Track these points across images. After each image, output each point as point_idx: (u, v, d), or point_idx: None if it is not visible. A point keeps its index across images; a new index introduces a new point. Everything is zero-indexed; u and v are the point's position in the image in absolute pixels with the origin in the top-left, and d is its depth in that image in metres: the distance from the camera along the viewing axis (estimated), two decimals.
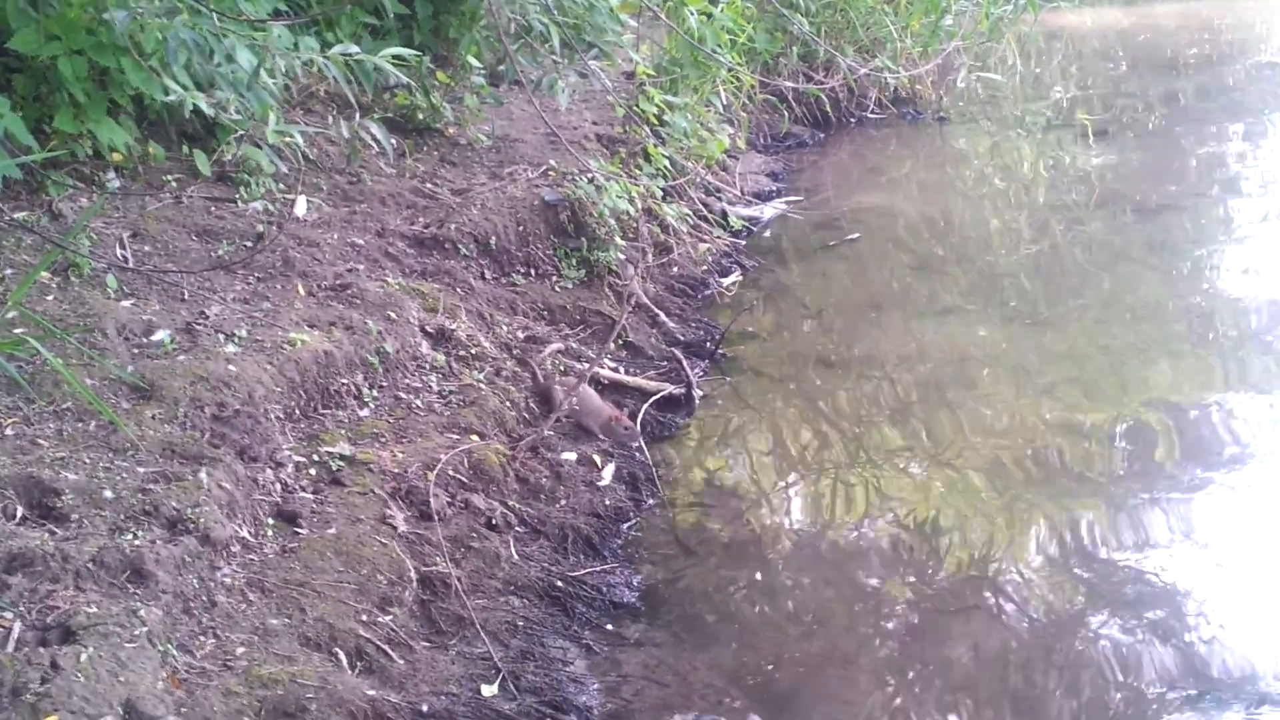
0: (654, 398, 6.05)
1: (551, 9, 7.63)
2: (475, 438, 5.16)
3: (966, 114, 12.06)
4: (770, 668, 4.31)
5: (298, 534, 4.24)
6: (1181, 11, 17.25)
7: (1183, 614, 4.52)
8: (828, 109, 11.38)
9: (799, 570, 4.96)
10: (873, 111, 11.75)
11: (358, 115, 6.80)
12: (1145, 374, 6.40)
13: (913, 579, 4.84)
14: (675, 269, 7.57)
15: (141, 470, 4.02)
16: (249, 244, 5.67)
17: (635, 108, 8.23)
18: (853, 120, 11.65)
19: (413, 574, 4.29)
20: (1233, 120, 11.63)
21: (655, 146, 7.94)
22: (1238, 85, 13.15)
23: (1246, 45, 14.94)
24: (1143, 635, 4.42)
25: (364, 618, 4.00)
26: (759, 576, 4.91)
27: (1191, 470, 5.46)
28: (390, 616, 4.08)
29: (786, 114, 10.93)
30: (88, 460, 4.00)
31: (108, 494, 3.86)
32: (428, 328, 5.67)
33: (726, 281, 7.76)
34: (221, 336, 4.85)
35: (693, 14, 8.30)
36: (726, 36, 8.70)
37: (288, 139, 6.25)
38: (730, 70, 9.02)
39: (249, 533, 4.12)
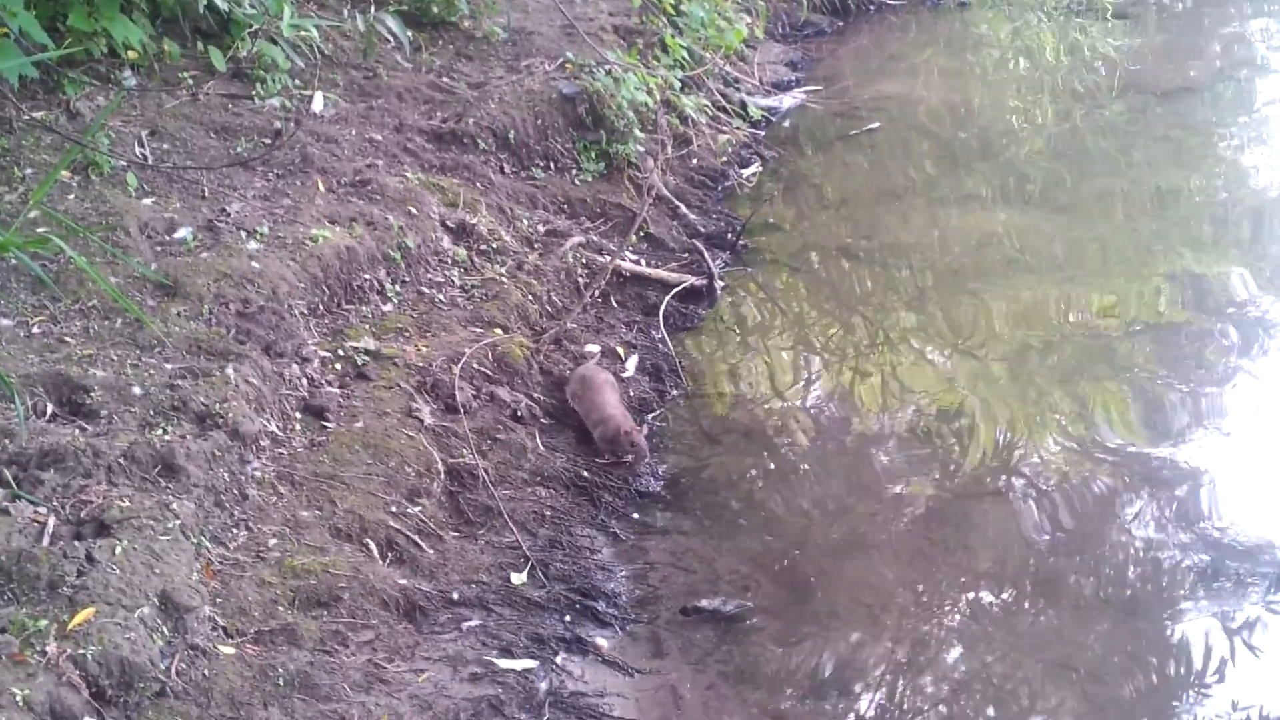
0: (676, 289, 6.05)
1: None
2: (499, 331, 5.18)
3: None
4: (794, 553, 4.36)
5: (325, 428, 4.27)
6: None
7: (1203, 498, 4.56)
8: None
9: (821, 458, 5.00)
10: None
11: (373, 9, 6.74)
12: (1168, 259, 6.37)
13: (934, 466, 4.87)
14: (695, 160, 7.52)
15: (169, 367, 4.05)
16: (267, 140, 5.64)
17: None
18: (872, 6, 11.50)
19: (440, 466, 4.33)
20: (1256, 3, 11.42)
21: (673, 37, 7.85)
22: None
23: None
24: (1164, 518, 4.46)
25: (393, 509, 4.04)
26: (781, 465, 4.94)
27: (1213, 355, 5.47)
28: (419, 508, 4.13)
29: (805, 1, 10.78)
30: (115, 357, 4.02)
31: (136, 390, 3.89)
32: (448, 222, 5.65)
33: (746, 172, 7.71)
34: (243, 234, 4.85)
35: None
36: None
37: (303, 34, 6.20)
38: None
39: (277, 427, 4.15)
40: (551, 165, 6.66)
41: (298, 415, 4.28)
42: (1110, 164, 7.67)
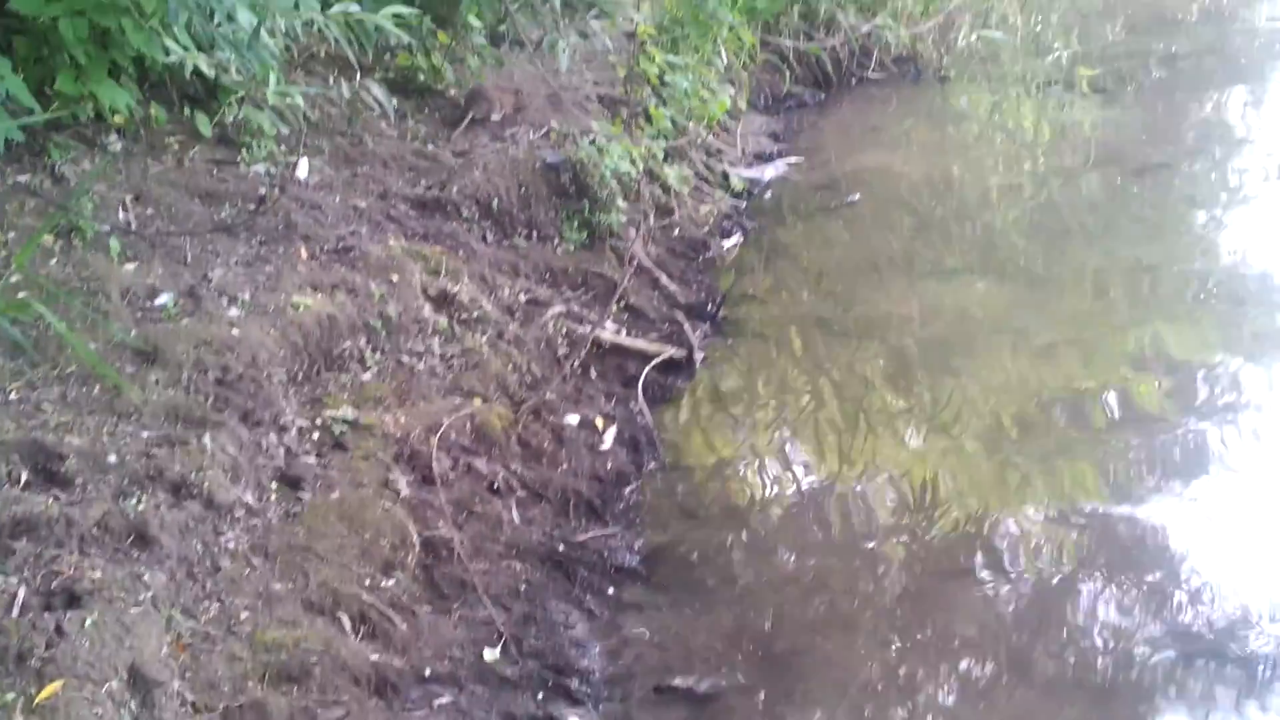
0: (655, 361, 6.07)
1: None
2: (478, 401, 5.18)
3: (968, 73, 11.98)
4: (770, 630, 4.36)
5: (301, 498, 4.26)
6: None
7: (1179, 575, 4.57)
8: (829, 68, 11.32)
9: (798, 533, 5.00)
10: (874, 71, 11.67)
11: (359, 76, 6.79)
12: (1143, 335, 6.40)
13: (911, 541, 4.88)
14: (677, 231, 7.56)
15: (145, 434, 4.04)
16: (251, 206, 5.66)
17: (636, 68, 8.20)
18: (854, 80, 11.59)
19: (415, 538, 4.32)
20: (1232, 80, 11.57)
21: (657, 107, 7.91)
22: (1238, 45, 13.08)
23: (1247, 2, 14.85)
24: (1140, 596, 4.47)
25: (367, 582, 4.03)
26: (759, 539, 4.95)
27: (1190, 435, 5.49)
28: (393, 581, 4.12)
29: (788, 74, 10.88)
30: (92, 424, 4.02)
31: (112, 458, 3.88)
32: (430, 291, 5.67)
33: (728, 243, 7.76)
34: (225, 300, 4.86)
35: None
36: None
37: (289, 100, 6.23)
38: (731, 29, 8.98)
39: (253, 497, 4.14)
40: (534, 234, 6.69)
41: (273, 485, 4.28)
42: (1088, 238, 7.74)
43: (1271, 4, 14.84)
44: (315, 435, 4.60)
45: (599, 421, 5.53)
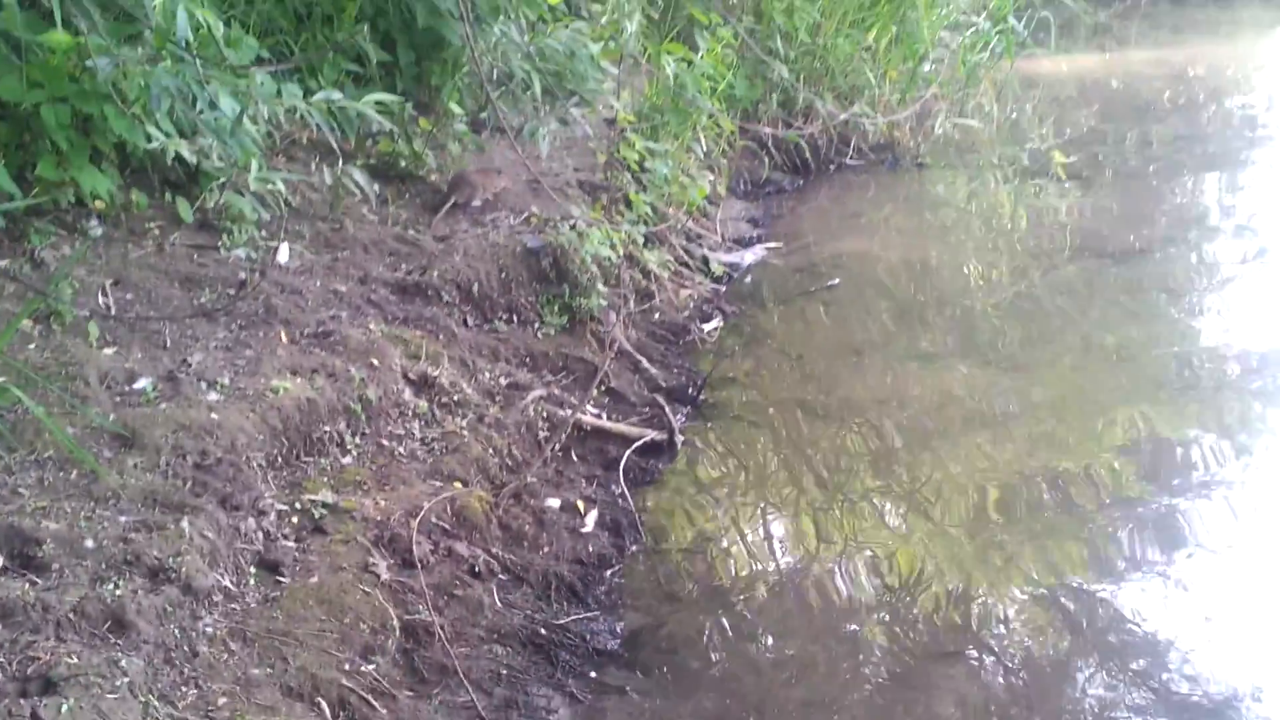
0: (636, 444, 6.06)
1: (533, 57, 7.69)
2: (458, 485, 5.16)
3: (944, 160, 12.13)
4: (753, 715, 4.31)
5: (280, 583, 4.22)
6: (1155, 58, 17.43)
7: (1164, 660, 4.55)
8: (807, 155, 11.43)
9: (781, 616, 4.97)
10: (852, 158, 11.80)
11: (340, 162, 6.83)
12: (1124, 419, 6.43)
13: (894, 625, 4.85)
14: (657, 315, 7.60)
15: (123, 519, 4.01)
16: (231, 291, 5.67)
17: (616, 154, 8.28)
18: (832, 166, 11.70)
19: (395, 622, 4.28)
20: (1206, 165, 11.74)
21: (637, 193, 7.98)
22: (1211, 130, 13.27)
23: (1220, 90, 15.09)
24: (1126, 677, 4.44)
25: (347, 667, 3.99)
26: (741, 622, 4.91)
27: (1171, 516, 5.50)
28: (373, 665, 4.07)
29: (767, 160, 10.99)
30: (69, 509, 3.99)
31: (89, 543, 3.85)
32: (410, 374, 5.67)
33: (708, 327, 7.78)
34: (204, 384, 4.85)
35: (673, 61, 8.38)
36: (707, 83, 8.77)
37: (270, 186, 6.27)
38: (711, 117, 9.08)
39: (231, 582, 4.10)
40: (515, 318, 6.71)
41: (252, 570, 4.24)
42: (1067, 322, 7.79)
43: (1244, 93, 15.09)
44: (294, 519, 4.57)
45: (580, 504, 5.51)
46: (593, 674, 4.52)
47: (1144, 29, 20.33)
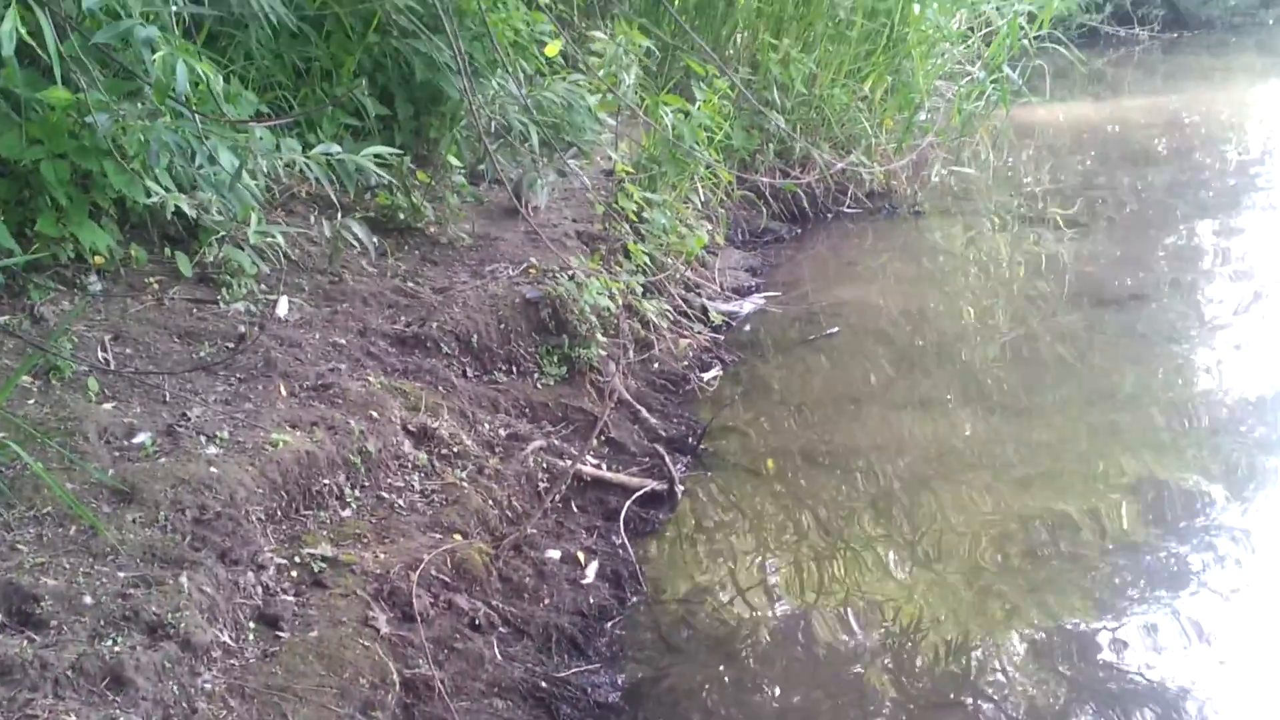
0: (637, 494, 6.05)
1: (531, 109, 7.73)
2: (458, 537, 5.14)
3: (941, 207, 12.19)
4: None
5: (279, 637, 4.20)
6: (1150, 106, 17.55)
7: (1169, 710, 4.52)
8: (805, 204, 11.50)
9: (783, 666, 4.94)
10: (849, 206, 11.85)
11: (339, 215, 6.85)
12: (1125, 465, 6.43)
13: (896, 674, 4.83)
14: (656, 365, 7.60)
15: (122, 575, 4.00)
16: (231, 345, 5.67)
17: (614, 205, 8.31)
18: (829, 215, 11.76)
19: (395, 677, 4.25)
20: (1201, 211, 11.80)
21: (635, 243, 8.00)
22: (1206, 176, 13.35)
23: (1214, 137, 15.19)
24: None
25: None
26: (743, 672, 4.89)
27: (1173, 564, 5.48)
28: None
29: (764, 209, 11.04)
30: (68, 565, 3.97)
31: (87, 599, 3.83)
32: (410, 426, 5.66)
33: (707, 376, 7.79)
34: (203, 438, 4.84)
35: (670, 112, 8.42)
36: (704, 134, 8.81)
37: (269, 240, 6.28)
38: (708, 167, 9.13)
39: (230, 637, 4.08)
40: (514, 369, 6.71)
41: (251, 624, 4.22)
42: (1066, 369, 7.80)
43: (1239, 140, 15.18)
44: (294, 573, 4.55)
45: (581, 556, 5.50)
46: None
47: (1138, 76, 20.51)
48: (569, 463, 6.00)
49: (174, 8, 5.62)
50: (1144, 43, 25.00)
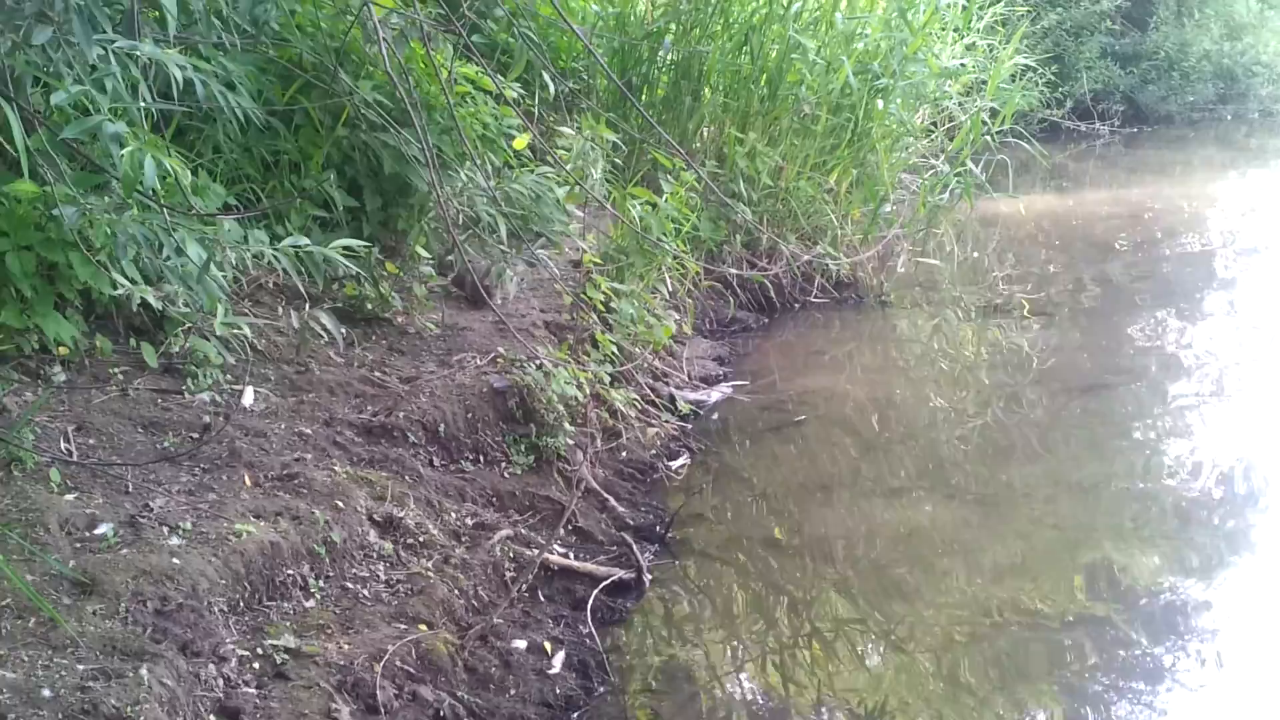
0: (604, 583, 6.02)
1: (499, 201, 7.79)
2: (423, 627, 5.10)
3: (908, 297, 12.30)
4: None
5: None
6: (1112, 198, 17.81)
7: None
8: (772, 294, 11.58)
9: None
10: (816, 296, 11.94)
11: (307, 305, 6.86)
12: (1091, 553, 6.45)
13: None
14: (624, 453, 7.60)
15: (81, 668, 3.94)
16: (195, 435, 5.65)
17: (582, 295, 8.35)
18: (797, 304, 11.84)
19: None
20: (1164, 302, 11.96)
21: (603, 333, 8.03)
22: (1168, 268, 13.53)
23: (1175, 229, 15.41)
24: None
25: None
26: None
27: (1143, 654, 5.49)
28: None
29: (732, 299, 11.10)
30: (26, 658, 3.92)
31: (46, 693, 3.77)
32: (375, 516, 5.63)
33: (675, 465, 7.79)
34: (166, 529, 4.80)
35: (637, 204, 8.50)
36: (671, 225, 8.88)
37: (236, 330, 6.28)
38: (676, 258, 9.19)
39: None
40: (481, 458, 6.70)
41: (212, 718, 4.15)
42: (1032, 457, 7.84)
43: (1199, 232, 15.41)
44: (256, 665, 4.50)
45: (548, 645, 5.45)
46: None
47: (1099, 170, 20.84)
48: (536, 552, 5.97)
49: (142, 104, 5.65)
50: (1105, 137, 25.46)
